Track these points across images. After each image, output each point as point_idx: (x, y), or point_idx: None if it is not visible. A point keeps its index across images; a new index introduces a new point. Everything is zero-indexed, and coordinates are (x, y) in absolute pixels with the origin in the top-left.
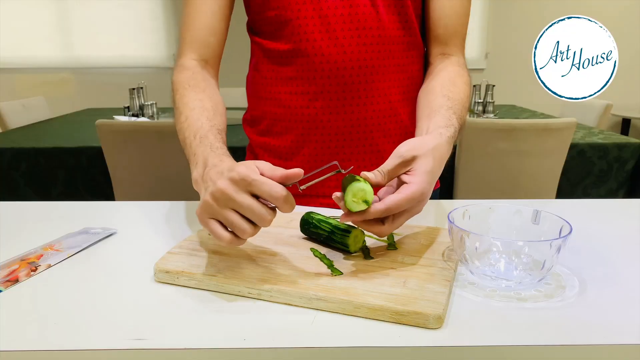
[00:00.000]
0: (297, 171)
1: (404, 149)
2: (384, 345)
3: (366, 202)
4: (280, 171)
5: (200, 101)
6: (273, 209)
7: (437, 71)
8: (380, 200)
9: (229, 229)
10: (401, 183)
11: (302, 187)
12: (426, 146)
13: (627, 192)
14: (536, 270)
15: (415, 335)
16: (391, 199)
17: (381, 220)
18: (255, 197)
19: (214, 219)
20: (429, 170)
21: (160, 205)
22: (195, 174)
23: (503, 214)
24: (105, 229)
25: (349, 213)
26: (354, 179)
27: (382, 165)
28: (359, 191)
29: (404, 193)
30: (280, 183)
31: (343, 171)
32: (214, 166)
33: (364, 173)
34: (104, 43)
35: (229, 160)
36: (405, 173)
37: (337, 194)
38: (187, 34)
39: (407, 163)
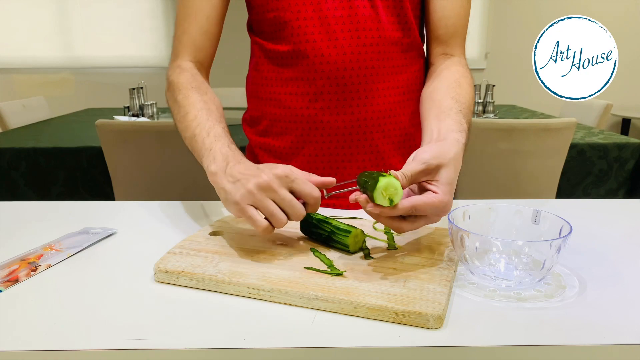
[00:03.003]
0: (332, 180)
1: (428, 156)
2: (384, 345)
3: (391, 200)
4: (316, 177)
5: (206, 103)
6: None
7: (440, 71)
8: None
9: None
10: (423, 189)
11: (328, 194)
12: (448, 155)
13: (627, 192)
14: (536, 270)
15: (415, 335)
16: (417, 199)
17: (402, 217)
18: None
19: (252, 206)
20: (451, 181)
21: (160, 205)
22: (214, 167)
23: (503, 214)
24: (105, 229)
25: (376, 205)
26: (375, 176)
27: (406, 168)
28: (391, 187)
29: (429, 199)
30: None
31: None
32: (237, 162)
33: (393, 172)
34: (103, 43)
35: (247, 161)
36: (429, 182)
37: (358, 195)
38: (183, 36)
39: (430, 171)
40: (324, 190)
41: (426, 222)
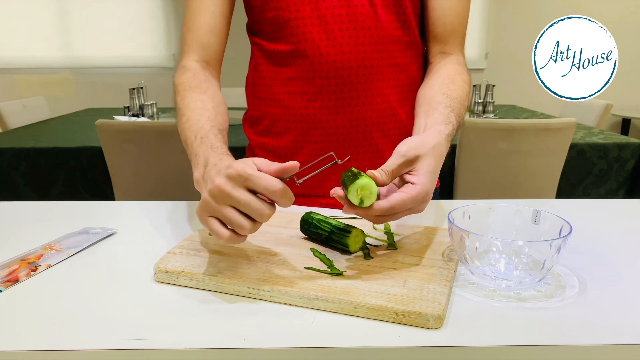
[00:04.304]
0: (293, 164)
1: (405, 148)
2: (384, 345)
3: (361, 201)
4: (276, 165)
5: (202, 102)
6: (272, 204)
7: (437, 69)
8: (383, 197)
9: (229, 227)
10: (404, 182)
11: (300, 180)
12: (427, 145)
13: (627, 192)
14: (536, 270)
15: (415, 335)
16: (396, 198)
17: None
18: (254, 193)
19: (213, 216)
20: (431, 170)
21: (160, 205)
22: (197, 174)
23: (503, 214)
24: (105, 229)
25: (351, 206)
26: (355, 175)
27: (385, 165)
28: (364, 189)
29: (408, 193)
30: (277, 177)
31: (340, 162)
32: (214, 165)
33: (370, 171)
34: (104, 43)
35: (228, 158)
36: (408, 173)
37: (337, 190)
38: (188, 35)
39: (409, 162)
40: (295, 178)
41: (409, 214)
